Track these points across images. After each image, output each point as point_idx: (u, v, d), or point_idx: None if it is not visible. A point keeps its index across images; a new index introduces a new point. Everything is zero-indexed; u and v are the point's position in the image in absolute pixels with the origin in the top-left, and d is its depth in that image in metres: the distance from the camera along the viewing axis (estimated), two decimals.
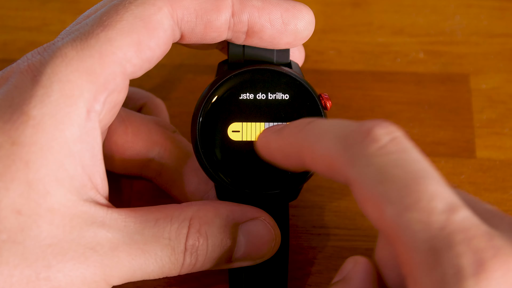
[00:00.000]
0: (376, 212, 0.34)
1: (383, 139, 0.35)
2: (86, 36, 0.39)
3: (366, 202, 0.34)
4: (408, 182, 0.33)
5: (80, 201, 0.38)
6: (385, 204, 0.33)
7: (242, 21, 0.42)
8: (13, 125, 0.37)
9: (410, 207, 0.33)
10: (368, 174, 0.34)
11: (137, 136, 0.46)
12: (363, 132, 0.35)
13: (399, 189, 0.33)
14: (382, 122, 0.35)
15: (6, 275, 0.37)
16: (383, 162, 0.34)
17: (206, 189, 0.46)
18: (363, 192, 0.34)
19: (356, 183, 0.34)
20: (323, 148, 0.36)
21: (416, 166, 0.34)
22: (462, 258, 0.32)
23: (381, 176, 0.34)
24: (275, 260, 0.44)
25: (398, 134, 0.35)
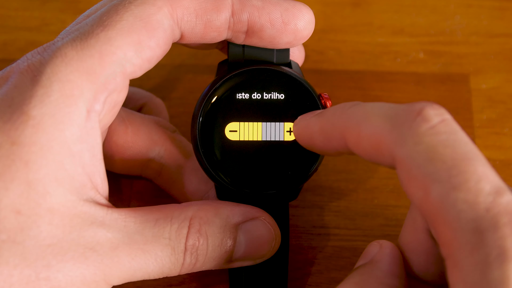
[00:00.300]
0: (422, 191, 0.34)
1: (434, 119, 0.35)
2: (86, 36, 0.39)
3: (412, 181, 0.34)
4: (458, 162, 0.33)
5: (80, 201, 0.38)
6: (433, 182, 0.33)
7: (242, 20, 0.42)
8: (13, 125, 0.37)
9: (458, 187, 0.33)
10: (417, 152, 0.34)
11: (137, 136, 0.46)
12: (413, 111, 0.35)
13: (448, 168, 0.33)
14: (433, 104, 0.36)
15: (6, 275, 0.37)
16: (433, 141, 0.34)
17: (206, 189, 0.46)
18: (411, 171, 0.34)
19: (404, 161, 0.34)
20: (370, 127, 0.36)
21: (465, 147, 0.34)
22: (506, 240, 0.32)
23: (430, 154, 0.34)
24: (275, 260, 0.44)
25: (447, 116, 0.35)
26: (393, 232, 0.48)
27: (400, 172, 0.35)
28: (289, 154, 0.43)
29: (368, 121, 0.37)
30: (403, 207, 0.50)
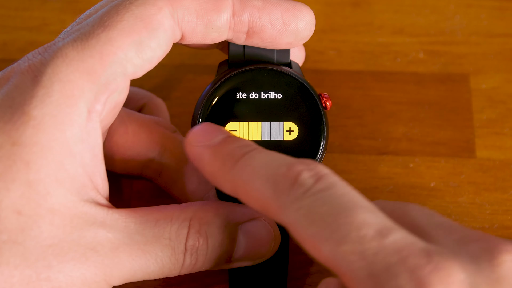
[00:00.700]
0: (314, 251, 0.34)
1: (309, 182, 0.35)
2: (87, 37, 0.39)
3: (303, 243, 0.35)
4: (336, 216, 0.34)
5: (80, 201, 0.38)
6: (320, 242, 0.34)
7: (243, 21, 0.42)
8: (13, 126, 0.37)
9: (342, 241, 0.33)
10: (299, 217, 0.35)
11: (137, 136, 0.46)
12: (290, 177, 0.36)
13: (328, 225, 0.34)
14: (310, 164, 0.36)
15: (7, 276, 0.37)
16: (311, 203, 0.35)
17: (206, 189, 0.46)
18: (299, 235, 0.35)
19: (290, 226, 0.35)
20: (255, 190, 0.37)
21: (342, 199, 0.35)
22: (399, 279, 0.32)
23: (311, 217, 0.34)
24: (275, 260, 0.44)
25: (324, 172, 0.36)
26: None
27: (292, 234, 0.36)
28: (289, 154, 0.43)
29: (253, 184, 0.37)
30: None
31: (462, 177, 0.51)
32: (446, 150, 0.52)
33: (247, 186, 0.37)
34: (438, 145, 0.52)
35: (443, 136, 0.53)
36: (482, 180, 0.51)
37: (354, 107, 0.54)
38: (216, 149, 0.40)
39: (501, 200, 0.50)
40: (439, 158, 0.52)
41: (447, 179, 0.51)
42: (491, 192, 0.50)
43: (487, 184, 0.51)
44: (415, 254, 0.33)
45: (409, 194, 0.50)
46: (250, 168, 0.38)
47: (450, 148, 0.52)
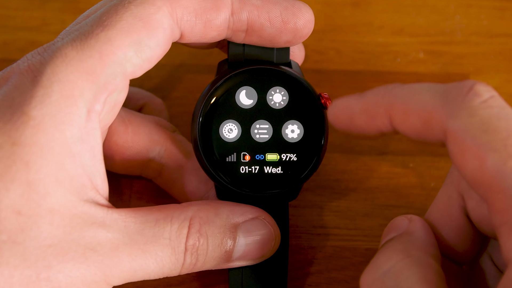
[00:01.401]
0: (477, 161, 0.34)
1: (485, 95, 0.35)
2: (86, 36, 0.39)
3: (466, 152, 0.34)
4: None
5: (80, 201, 0.38)
6: (489, 152, 0.34)
7: (242, 19, 0.42)
8: (13, 126, 0.37)
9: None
10: (472, 124, 0.34)
11: (137, 136, 0.46)
12: (464, 87, 0.36)
13: (503, 139, 0.34)
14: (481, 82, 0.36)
15: (7, 276, 0.37)
16: (487, 114, 0.35)
17: (206, 189, 0.46)
18: (465, 142, 0.34)
19: (457, 133, 0.35)
20: (420, 102, 0.36)
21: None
22: None
23: (485, 126, 0.34)
24: (275, 260, 0.44)
25: (496, 93, 0.36)
26: None
27: (452, 145, 0.35)
28: (288, 153, 0.43)
29: (417, 97, 0.37)
30: (403, 207, 0.50)
31: None
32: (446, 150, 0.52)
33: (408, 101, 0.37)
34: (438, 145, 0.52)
35: None
36: None
37: None
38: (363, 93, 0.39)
39: None
40: (439, 158, 0.52)
41: None
42: None
43: None
44: None
45: (409, 194, 0.50)
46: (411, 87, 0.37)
47: None
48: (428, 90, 0.37)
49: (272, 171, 0.43)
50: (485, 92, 0.35)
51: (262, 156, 0.43)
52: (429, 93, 0.36)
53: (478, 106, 0.35)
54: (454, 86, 0.36)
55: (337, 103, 0.40)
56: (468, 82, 0.36)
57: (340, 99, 0.40)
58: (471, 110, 0.35)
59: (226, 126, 0.43)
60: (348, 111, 0.40)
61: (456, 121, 0.35)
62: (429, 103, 0.36)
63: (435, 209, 0.39)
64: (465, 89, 0.36)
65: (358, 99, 0.39)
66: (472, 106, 0.35)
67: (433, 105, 0.36)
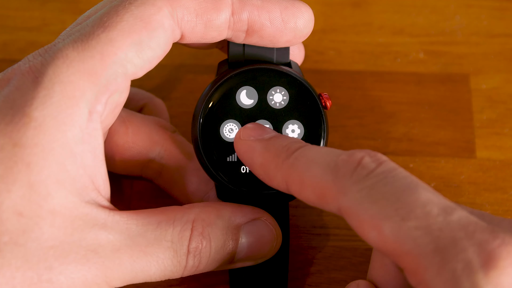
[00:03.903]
0: (375, 231, 0.35)
1: (371, 165, 0.36)
2: (87, 37, 0.39)
3: (362, 225, 0.35)
4: (400, 195, 0.35)
5: (81, 202, 0.38)
6: (383, 220, 0.34)
7: (242, 20, 0.42)
8: (14, 127, 0.37)
9: (406, 217, 0.34)
10: (361, 197, 0.35)
11: (137, 137, 0.46)
12: (353, 162, 0.37)
13: (392, 203, 0.34)
14: (370, 152, 0.37)
15: (8, 277, 0.37)
16: (374, 183, 0.35)
17: (207, 189, 0.46)
18: (359, 216, 0.35)
19: (350, 209, 0.36)
20: (313, 177, 0.37)
21: (404, 181, 0.35)
22: (468, 252, 0.33)
23: (374, 196, 0.35)
24: (276, 260, 0.44)
25: (384, 159, 0.37)
26: None
27: (349, 219, 0.36)
28: None
29: (311, 172, 0.38)
30: None
31: (462, 177, 0.51)
32: (446, 150, 0.52)
33: (303, 175, 0.38)
34: (438, 145, 0.52)
35: (443, 136, 0.53)
36: (482, 180, 0.51)
37: (354, 107, 0.54)
38: (269, 142, 0.41)
39: (501, 201, 0.50)
40: (439, 158, 0.52)
41: (447, 179, 0.51)
42: (491, 192, 0.50)
43: (487, 184, 0.51)
44: (481, 230, 0.33)
45: None
46: (307, 158, 0.38)
47: (450, 148, 0.52)
48: (321, 163, 0.37)
49: None
50: (371, 163, 0.36)
51: None
52: (321, 169, 0.37)
53: (365, 178, 0.36)
54: (344, 160, 0.37)
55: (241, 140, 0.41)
56: (357, 155, 0.37)
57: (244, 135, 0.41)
58: (358, 184, 0.36)
59: (227, 126, 0.43)
60: (249, 158, 0.41)
61: (347, 197, 0.36)
62: (321, 180, 0.37)
63: (373, 271, 0.40)
64: (353, 164, 0.37)
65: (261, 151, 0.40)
66: (360, 179, 0.36)
67: (325, 182, 0.37)
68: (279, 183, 0.39)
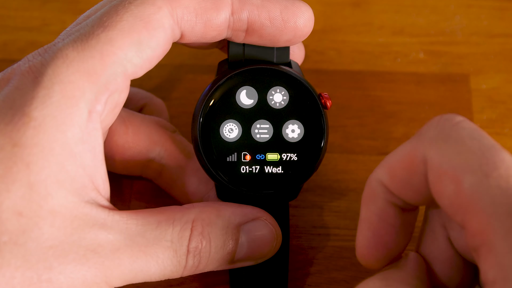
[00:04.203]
0: (453, 183, 0.34)
1: (456, 118, 0.36)
2: (87, 37, 0.39)
3: (442, 177, 0.35)
4: (486, 152, 0.34)
5: (81, 202, 0.38)
6: (465, 173, 0.34)
7: (242, 19, 0.42)
8: (14, 127, 0.37)
9: (489, 174, 0.33)
10: (446, 147, 0.35)
11: (137, 136, 0.46)
12: (434, 120, 0.36)
13: (478, 158, 0.34)
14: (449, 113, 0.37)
15: (8, 277, 0.37)
16: (460, 135, 0.35)
17: (207, 189, 0.46)
18: (441, 167, 0.35)
19: (434, 160, 0.35)
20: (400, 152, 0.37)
21: (489, 140, 0.35)
22: None
23: (459, 148, 0.34)
24: (276, 259, 0.44)
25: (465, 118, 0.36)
26: None
27: (431, 174, 0.35)
28: (289, 153, 0.43)
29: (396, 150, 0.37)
30: None
31: None
32: None
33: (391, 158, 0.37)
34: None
35: None
36: None
37: (354, 107, 0.54)
38: None
39: None
40: None
41: None
42: None
43: None
44: None
45: None
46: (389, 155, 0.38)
47: None
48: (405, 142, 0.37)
49: (272, 170, 0.43)
50: (456, 117, 0.36)
51: (262, 156, 0.43)
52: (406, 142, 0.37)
53: (451, 130, 0.35)
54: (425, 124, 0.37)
55: None
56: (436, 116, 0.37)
57: None
58: (444, 135, 0.35)
59: (227, 126, 0.43)
60: None
61: (432, 149, 0.35)
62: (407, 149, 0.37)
63: (423, 244, 0.39)
64: (435, 120, 0.36)
65: None
66: (445, 131, 0.35)
67: (411, 147, 0.36)
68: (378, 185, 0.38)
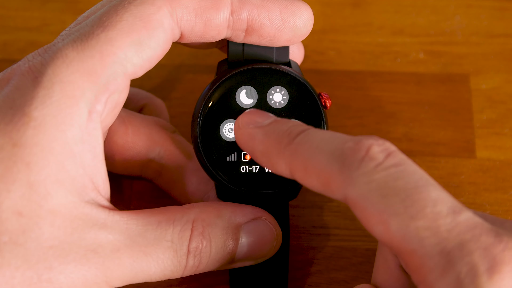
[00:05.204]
0: (382, 226, 0.34)
1: (380, 156, 0.35)
2: (87, 37, 0.39)
3: (369, 218, 0.35)
4: (410, 192, 0.34)
5: (81, 202, 0.38)
6: (391, 217, 0.34)
7: (241, 19, 0.42)
8: (14, 127, 0.37)
9: (415, 216, 0.33)
10: (369, 190, 0.35)
11: (137, 137, 0.46)
12: (360, 151, 0.36)
13: (402, 200, 0.34)
14: (378, 140, 0.36)
15: (8, 277, 0.37)
16: (383, 177, 0.35)
17: (206, 189, 0.46)
18: (366, 209, 0.35)
19: (357, 201, 0.35)
20: (318, 164, 0.37)
21: (414, 176, 0.35)
22: (473, 256, 0.33)
23: (383, 190, 0.34)
24: (276, 259, 0.44)
25: (393, 149, 0.36)
26: None
27: (356, 211, 0.35)
28: None
29: (316, 158, 0.37)
30: None
31: (462, 177, 0.51)
32: (446, 150, 0.52)
33: (307, 161, 0.37)
34: (438, 145, 0.52)
35: (443, 136, 0.53)
36: (482, 180, 0.51)
37: (354, 107, 0.54)
38: (269, 128, 0.39)
39: (501, 201, 0.50)
40: (439, 158, 0.52)
41: (447, 179, 0.51)
42: (491, 192, 0.50)
43: (487, 184, 0.51)
44: (487, 233, 0.33)
45: None
46: (311, 143, 0.37)
47: (450, 148, 0.52)
48: (326, 150, 0.36)
49: None
50: (380, 154, 0.35)
51: None
52: (326, 156, 0.36)
53: (374, 171, 0.35)
54: (350, 148, 0.36)
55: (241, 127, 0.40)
56: (365, 143, 0.36)
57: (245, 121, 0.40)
58: (367, 176, 0.35)
59: (227, 126, 0.43)
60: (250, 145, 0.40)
61: (354, 189, 0.35)
62: (327, 168, 0.36)
63: (377, 273, 0.40)
64: (361, 153, 0.36)
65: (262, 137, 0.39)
66: (368, 171, 0.35)
67: (331, 171, 0.36)
68: (283, 170, 0.38)
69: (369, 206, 0.34)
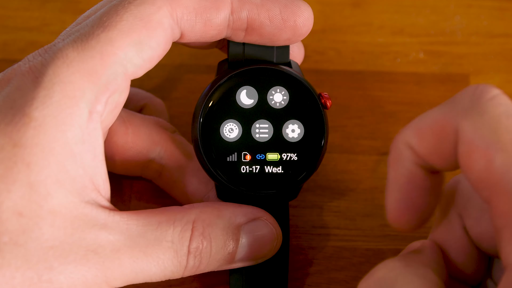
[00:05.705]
0: (484, 160, 0.33)
1: (494, 91, 0.35)
2: (87, 37, 0.39)
3: (474, 152, 0.34)
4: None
5: (81, 203, 0.38)
6: (497, 152, 0.33)
7: (241, 18, 0.42)
8: (14, 127, 0.37)
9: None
10: (481, 122, 0.34)
11: (137, 137, 0.46)
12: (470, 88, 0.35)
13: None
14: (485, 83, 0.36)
15: (8, 277, 0.37)
16: (496, 112, 0.34)
17: (207, 189, 0.46)
18: (473, 141, 0.34)
19: (467, 132, 0.34)
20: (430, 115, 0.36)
21: None
22: None
23: (494, 125, 0.33)
24: (276, 259, 0.44)
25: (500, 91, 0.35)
26: (393, 232, 0.48)
27: (462, 146, 0.34)
28: (288, 153, 0.43)
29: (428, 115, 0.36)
30: None
31: None
32: None
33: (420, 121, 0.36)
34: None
35: None
36: None
37: (354, 107, 0.54)
38: None
39: None
40: None
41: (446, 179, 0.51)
42: None
43: None
44: None
45: None
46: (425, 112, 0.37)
47: None
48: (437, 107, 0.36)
49: (272, 170, 0.43)
50: (492, 89, 0.35)
51: (263, 156, 0.43)
52: (438, 107, 0.36)
53: (487, 104, 0.34)
54: (460, 92, 0.35)
55: None
56: (472, 85, 0.35)
57: None
58: (480, 108, 0.34)
59: (227, 126, 0.43)
60: None
61: (466, 120, 0.34)
62: (439, 114, 0.35)
63: (437, 233, 0.39)
64: (471, 89, 0.35)
65: None
66: (481, 104, 0.34)
67: (444, 114, 0.35)
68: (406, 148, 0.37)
69: (477, 138, 0.34)
